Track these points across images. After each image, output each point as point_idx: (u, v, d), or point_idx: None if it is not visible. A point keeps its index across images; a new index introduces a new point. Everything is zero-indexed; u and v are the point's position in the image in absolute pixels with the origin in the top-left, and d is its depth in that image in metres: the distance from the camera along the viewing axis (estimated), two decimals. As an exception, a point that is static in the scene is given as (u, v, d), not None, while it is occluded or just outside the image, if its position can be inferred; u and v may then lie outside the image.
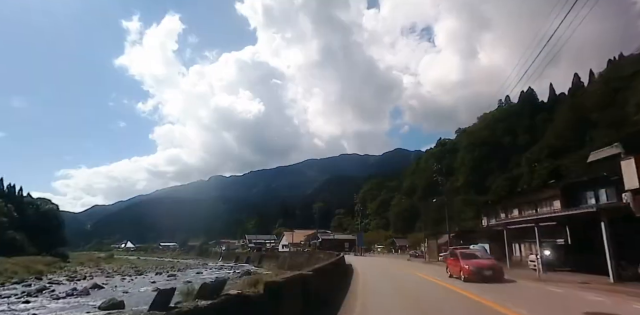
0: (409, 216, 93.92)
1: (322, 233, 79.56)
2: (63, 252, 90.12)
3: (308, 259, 40.31)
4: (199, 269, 52.89)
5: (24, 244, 70.83)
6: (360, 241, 63.09)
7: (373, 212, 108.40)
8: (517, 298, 10.87)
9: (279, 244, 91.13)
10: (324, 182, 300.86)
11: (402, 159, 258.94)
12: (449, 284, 15.50)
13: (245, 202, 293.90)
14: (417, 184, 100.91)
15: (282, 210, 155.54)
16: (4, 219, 65.78)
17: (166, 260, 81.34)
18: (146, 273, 41.55)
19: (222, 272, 44.33)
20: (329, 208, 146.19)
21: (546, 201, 25.30)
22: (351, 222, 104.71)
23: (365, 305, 9.87)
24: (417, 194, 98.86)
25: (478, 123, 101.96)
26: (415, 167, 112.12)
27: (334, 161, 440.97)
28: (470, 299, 10.87)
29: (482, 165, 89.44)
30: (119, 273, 40.80)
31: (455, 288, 13.74)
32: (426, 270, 25.02)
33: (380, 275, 21.85)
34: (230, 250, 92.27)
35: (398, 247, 69.57)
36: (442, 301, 11.05)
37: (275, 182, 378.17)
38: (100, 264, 58.98)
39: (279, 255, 56.37)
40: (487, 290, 12.43)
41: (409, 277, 20.40)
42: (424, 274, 21.65)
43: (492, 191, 76.37)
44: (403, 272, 24.37)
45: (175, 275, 37.81)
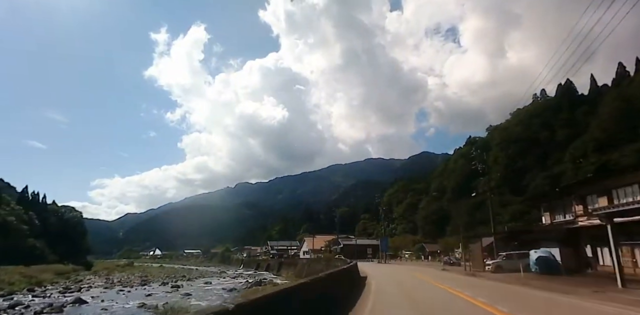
0: (438, 220, 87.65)
1: (344, 238, 74.47)
2: (87, 260, 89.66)
3: (326, 266, 35.81)
4: (212, 277, 49.33)
5: (45, 252, 69.83)
6: (385, 246, 56.88)
7: (399, 216, 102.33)
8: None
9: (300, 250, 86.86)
10: (349, 187, 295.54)
11: (429, 163, 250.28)
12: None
13: (271, 209, 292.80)
14: (446, 186, 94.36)
15: (306, 216, 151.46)
16: (24, 226, 64.79)
17: (185, 268, 78.65)
18: (151, 283, 38.29)
19: (234, 281, 40.41)
20: (354, 213, 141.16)
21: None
22: (376, 226, 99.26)
23: None
24: (447, 196, 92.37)
25: (511, 119, 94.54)
26: (443, 168, 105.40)
27: (359, 166, 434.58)
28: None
29: (518, 164, 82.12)
30: (122, 283, 37.70)
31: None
32: (486, 289, 15.23)
33: (408, 299, 12.71)
34: (251, 257, 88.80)
35: (428, 253, 63.29)
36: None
37: (300, 188, 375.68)
38: (113, 272, 56.52)
39: (297, 263, 52.17)
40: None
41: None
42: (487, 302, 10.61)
43: (530, 191, 69.24)
44: (448, 295, 13.45)
45: (179, 286, 34.29)
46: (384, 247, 56.68)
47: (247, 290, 28.95)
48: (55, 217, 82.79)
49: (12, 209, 62.72)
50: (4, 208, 61.50)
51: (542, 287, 15.00)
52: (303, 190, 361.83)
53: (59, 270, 54.46)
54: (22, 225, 64.31)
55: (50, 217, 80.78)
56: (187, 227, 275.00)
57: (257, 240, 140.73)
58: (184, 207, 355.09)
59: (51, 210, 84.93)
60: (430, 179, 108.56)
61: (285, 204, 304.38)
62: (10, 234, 59.28)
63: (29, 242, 64.45)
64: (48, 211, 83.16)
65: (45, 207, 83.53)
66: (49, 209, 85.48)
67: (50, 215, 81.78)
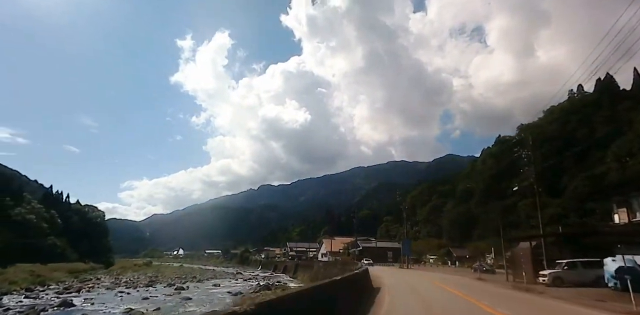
0: (465, 223, 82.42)
1: (364, 240, 70.49)
2: (108, 259, 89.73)
3: (341, 270, 32.63)
4: (225, 279, 46.90)
5: (66, 251, 69.72)
6: (407, 249, 50.88)
7: (423, 218, 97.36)
8: None
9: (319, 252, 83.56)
10: (371, 190, 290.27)
11: (454, 165, 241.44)
12: None
13: (293, 211, 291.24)
14: (474, 188, 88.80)
15: (327, 218, 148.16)
16: (45, 225, 64.74)
17: (202, 269, 76.97)
18: (158, 284, 36.14)
19: (245, 284, 37.66)
20: (376, 215, 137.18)
21: None
22: (399, 229, 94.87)
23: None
24: (474, 199, 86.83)
25: (544, 117, 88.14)
26: (470, 170, 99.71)
27: (381, 169, 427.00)
28: None
29: (553, 165, 75.99)
30: (128, 284, 35.69)
31: None
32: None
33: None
34: (269, 259, 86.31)
35: (455, 258, 58.32)
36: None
37: (323, 190, 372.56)
38: (127, 272, 55.11)
39: (313, 265, 49.05)
40: None
41: None
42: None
43: (569, 192, 63.44)
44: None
45: (184, 288, 31.87)
46: (406, 251, 50.94)
47: (253, 294, 26.05)
48: (77, 216, 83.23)
49: (33, 208, 62.67)
50: (25, 206, 61.48)
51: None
52: (325, 192, 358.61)
53: (74, 269, 53.49)
54: (43, 224, 64.26)
55: (73, 216, 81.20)
56: (211, 227, 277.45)
57: (278, 242, 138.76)
58: (208, 208, 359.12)
59: (74, 210, 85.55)
60: (456, 181, 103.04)
61: (307, 206, 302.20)
62: (30, 232, 59.11)
63: (49, 240, 64.30)
64: (71, 210, 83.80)
65: (68, 206, 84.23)
66: (73, 208, 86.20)
67: (73, 214, 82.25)
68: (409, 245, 52.70)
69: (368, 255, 54.43)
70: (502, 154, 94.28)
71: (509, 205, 78.82)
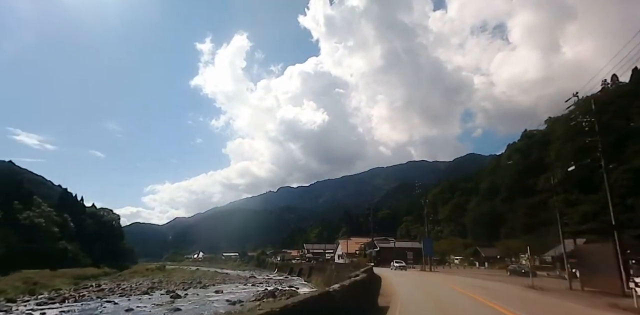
0: (490, 221, 77.01)
1: (382, 240, 66.02)
2: (124, 263, 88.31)
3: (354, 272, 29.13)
4: (233, 283, 43.78)
5: (78, 255, 68.35)
6: (429, 249, 44.14)
7: (445, 217, 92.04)
8: None
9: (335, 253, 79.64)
10: (391, 190, 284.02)
11: (475, 165, 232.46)
12: None
13: (311, 212, 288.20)
14: (499, 185, 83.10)
15: (345, 219, 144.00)
16: (55, 229, 63.38)
17: (216, 272, 74.26)
18: (156, 291, 33.23)
19: (252, 289, 34.26)
20: (395, 215, 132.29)
21: None
22: (420, 229, 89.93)
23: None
24: (500, 196, 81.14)
25: (576, 108, 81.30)
26: (495, 166, 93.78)
27: (401, 169, 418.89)
28: None
29: (586, 157, 69.67)
30: (124, 291, 32.90)
31: None
32: None
33: None
34: (285, 261, 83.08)
35: (484, 258, 52.90)
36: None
37: (341, 191, 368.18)
38: (134, 277, 52.76)
39: (326, 268, 45.39)
40: None
41: None
42: None
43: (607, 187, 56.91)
44: None
45: (181, 295, 28.73)
46: (427, 250, 44.22)
47: (254, 303, 22.64)
48: (92, 219, 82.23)
49: (43, 211, 61.43)
50: (34, 210, 60.28)
51: None
52: (344, 194, 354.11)
53: (81, 275, 51.55)
54: (54, 228, 62.93)
55: (87, 219, 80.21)
56: (231, 230, 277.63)
57: (296, 244, 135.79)
58: (228, 211, 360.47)
59: (89, 213, 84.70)
60: (479, 178, 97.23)
61: (326, 207, 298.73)
62: (39, 237, 57.75)
63: (60, 244, 62.93)
64: (86, 214, 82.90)
65: (83, 210, 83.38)
66: (88, 212, 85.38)
67: (87, 217, 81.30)
68: (431, 245, 46.28)
69: (387, 256, 50.09)
70: (528, 149, 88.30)
71: (540, 201, 72.96)
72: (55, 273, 50.33)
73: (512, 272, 32.37)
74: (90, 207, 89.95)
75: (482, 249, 56.43)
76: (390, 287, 18.00)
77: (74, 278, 48.68)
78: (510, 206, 76.66)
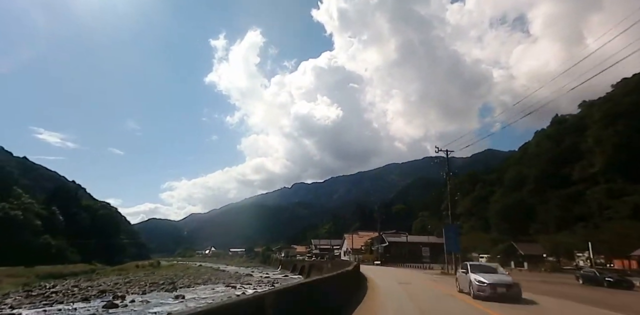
0: (518, 215, 67.82)
1: (393, 235, 57.61)
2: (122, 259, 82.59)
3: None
4: (217, 284, 36.71)
5: (64, 251, 62.87)
6: (454, 243, 31.44)
7: (465, 211, 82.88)
8: None
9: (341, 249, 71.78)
10: (406, 186, 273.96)
11: (494, 160, 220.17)
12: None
13: (325, 208, 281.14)
14: (527, 174, 73.56)
15: (357, 214, 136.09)
16: (37, 222, 57.80)
17: (213, 269, 67.71)
18: (106, 294, 26.35)
19: (225, 294, 26.86)
20: (410, 210, 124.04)
21: None
22: (437, 224, 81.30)
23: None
24: (528, 187, 71.69)
25: (617, 90, 70.87)
26: (521, 155, 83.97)
27: (416, 165, 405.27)
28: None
29: (632, 143, 59.61)
30: (63, 297, 26.13)
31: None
32: None
33: None
34: (289, 257, 76.01)
35: (521, 257, 43.21)
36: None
37: (356, 187, 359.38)
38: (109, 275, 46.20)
39: (323, 266, 37.92)
40: None
41: None
42: None
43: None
44: None
45: (119, 304, 21.64)
46: (452, 245, 31.19)
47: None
48: (86, 213, 76.97)
49: (22, 203, 55.86)
50: (12, 202, 54.71)
51: None
52: (358, 189, 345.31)
53: (53, 273, 45.46)
54: (35, 221, 57.40)
55: (81, 213, 74.93)
56: (245, 226, 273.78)
57: (307, 239, 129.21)
58: (243, 207, 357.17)
59: (84, 207, 79.54)
60: (504, 168, 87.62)
61: (340, 203, 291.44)
62: (13, 230, 52.13)
63: (42, 239, 57.41)
64: (80, 207, 77.73)
65: (77, 203, 78.18)
66: (83, 205, 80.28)
67: (82, 211, 76.05)
68: (457, 235, 32.34)
69: (397, 252, 41.66)
70: (559, 135, 78.25)
71: (575, 193, 63.40)
72: (26, 270, 44.51)
73: (585, 279, 21.89)
74: (89, 200, 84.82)
75: (519, 245, 45.12)
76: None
77: (42, 277, 42.52)
78: (541, 198, 67.29)
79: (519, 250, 43.00)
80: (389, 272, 33.82)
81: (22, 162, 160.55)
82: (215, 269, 67.24)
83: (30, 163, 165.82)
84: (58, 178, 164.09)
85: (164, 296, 26.33)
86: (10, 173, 73.72)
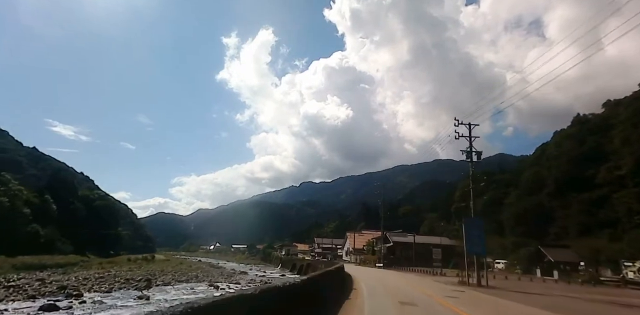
0: (536, 219, 62.70)
1: (398, 234, 52.96)
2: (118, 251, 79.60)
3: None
4: (197, 282, 32.86)
5: (55, 241, 59.82)
6: (478, 243, 24.47)
7: (477, 213, 77.49)
8: None
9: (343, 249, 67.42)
10: (415, 189, 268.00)
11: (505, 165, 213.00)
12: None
13: (333, 208, 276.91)
14: (546, 176, 68.25)
15: (363, 213, 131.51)
16: (26, 210, 54.74)
17: (209, 265, 64.09)
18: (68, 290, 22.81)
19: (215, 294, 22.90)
20: (418, 212, 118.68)
21: None
22: (446, 227, 76.73)
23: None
24: (547, 190, 66.41)
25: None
26: (539, 155, 78.45)
27: (426, 167, 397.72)
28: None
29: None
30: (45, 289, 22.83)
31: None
32: None
33: None
34: (290, 255, 72.03)
35: (548, 264, 36.32)
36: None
37: (364, 188, 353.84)
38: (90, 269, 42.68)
39: (317, 267, 33.65)
40: None
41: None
42: None
43: None
44: None
45: (60, 306, 17.94)
46: (475, 245, 24.08)
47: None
48: (82, 203, 73.97)
49: (9, 189, 52.85)
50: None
51: None
52: (366, 190, 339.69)
53: (32, 264, 42.26)
54: (23, 209, 54.32)
55: (75, 203, 71.93)
56: (251, 223, 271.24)
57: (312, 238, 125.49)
58: (250, 204, 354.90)
59: (81, 197, 76.61)
60: (519, 169, 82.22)
61: (347, 203, 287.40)
62: (0, 217, 49.05)
63: (29, 228, 54.34)
64: (76, 196, 74.79)
65: (73, 193, 75.16)
66: (80, 195, 77.36)
67: (77, 201, 73.05)
68: (481, 232, 25.11)
69: (402, 254, 36.88)
70: (581, 136, 72.62)
71: (599, 197, 57.96)
72: (3, 260, 41.43)
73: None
74: (86, 190, 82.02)
75: (548, 250, 38.41)
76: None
77: (19, 267, 39.26)
78: (561, 201, 61.95)
79: (547, 257, 36.75)
80: (389, 278, 28.22)
81: (31, 152, 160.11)
82: (211, 266, 63.58)
83: (39, 153, 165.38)
84: (66, 169, 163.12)
85: (128, 296, 22.48)
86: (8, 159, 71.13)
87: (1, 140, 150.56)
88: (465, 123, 26.17)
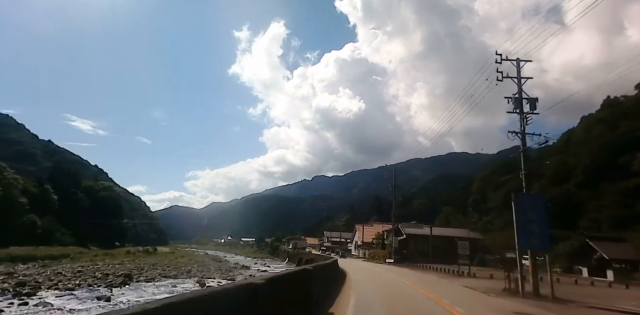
0: (562, 211, 57.02)
1: (412, 226, 48.24)
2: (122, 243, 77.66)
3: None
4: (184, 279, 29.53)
5: (54, 232, 57.63)
6: (539, 236, 16.40)
7: (496, 205, 72.42)
8: None
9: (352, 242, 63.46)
10: (429, 182, 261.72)
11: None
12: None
13: (345, 201, 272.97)
14: (573, 164, 62.53)
15: (375, 206, 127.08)
16: (23, 200, 52.55)
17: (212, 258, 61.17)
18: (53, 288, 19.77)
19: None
20: (432, 205, 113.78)
21: None
22: (463, 219, 71.91)
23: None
24: (575, 180, 60.81)
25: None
26: (565, 141, 72.42)
27: (440, 160, 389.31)
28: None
29: None
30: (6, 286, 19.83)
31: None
32: None
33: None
34: (297, 249, 68.70)
35: (599, 261, 30.75)
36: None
37: (376, 181, 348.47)
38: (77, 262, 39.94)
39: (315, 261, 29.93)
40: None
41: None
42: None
43: None
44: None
45: (42, 305, 14.65)
46: (531, 237, 16.34)
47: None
48: (85, 194, 71.92)
49: (4, 178, 50.58)
50: (-10, 174, 49.56)
51: None
52: (379, 184, 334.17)
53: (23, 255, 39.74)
54: (20, 198, 52.14)
55: (78, 193, 69.87)
56: (264, 217, 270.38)
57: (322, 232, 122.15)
58: (263, 197, 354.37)
59: (84, 188, 74.62)
60: (542, 157, 76.18)
61: (359, 197, 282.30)
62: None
63: (26, 218, 52.16)
64: (79, 187, 72.79)
65: (76, 183, 73.19)
66: (84, 186, 75.39)
67: (80, 191, 71.02)
68: (542, 215, 17.07)
69: (417, 249, 32.16)
70: (613, 120, 66.40)
71: (635, 186, 52.22)
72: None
73: None
74: (90, 181, 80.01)
75: (599, 245, 31.53)
76: None
77: (5, 259, 36.76)
78: (592, 192, 56.31)
79: (598, 252, 30.61)
80: (399, 282, 21.29)
81: (46, 145, 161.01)
82: (214, 259, 60.58)
83: (54, 146, 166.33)
84: (81, 162, 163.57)
85: (91, 295, 19.02)
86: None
87: (17, 133, 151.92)
88: (513, 59, 20.38)
